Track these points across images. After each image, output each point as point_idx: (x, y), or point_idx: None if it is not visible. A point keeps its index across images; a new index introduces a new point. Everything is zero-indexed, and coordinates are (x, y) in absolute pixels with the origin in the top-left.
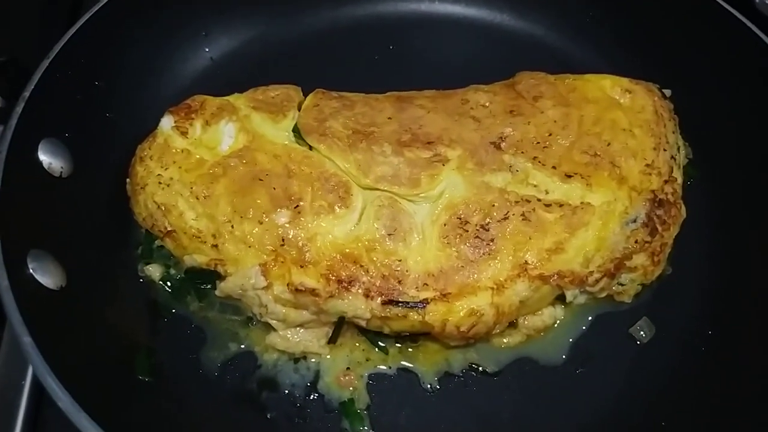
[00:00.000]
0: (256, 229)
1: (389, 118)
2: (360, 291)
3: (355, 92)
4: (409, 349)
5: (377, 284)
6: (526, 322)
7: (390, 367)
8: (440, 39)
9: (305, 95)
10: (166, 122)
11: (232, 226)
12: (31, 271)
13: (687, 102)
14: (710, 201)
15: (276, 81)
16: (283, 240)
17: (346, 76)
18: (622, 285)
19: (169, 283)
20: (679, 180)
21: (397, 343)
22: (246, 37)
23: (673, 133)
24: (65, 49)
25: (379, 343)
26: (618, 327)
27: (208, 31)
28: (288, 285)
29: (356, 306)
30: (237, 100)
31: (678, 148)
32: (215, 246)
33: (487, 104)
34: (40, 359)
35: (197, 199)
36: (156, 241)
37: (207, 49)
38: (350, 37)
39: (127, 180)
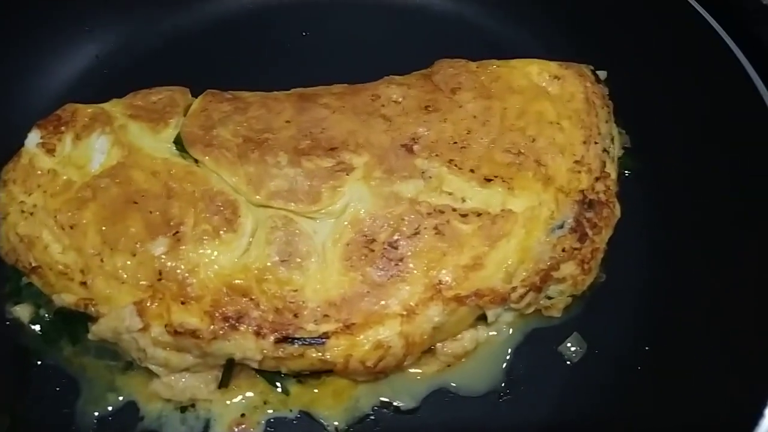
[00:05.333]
0: (129, 261)
1: (287, 121)
2: (250, 329)
3: (264, 89)
4: (314, 390)
5: (270, 319)
6: (444, 349)
7: (291, 411)
8: (361, 23)
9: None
10: (33, 138)
11: (102, 260)
12: None
13: (625, 85)
14: (649, 195)
15: (171, 80)
16: (160, 273)
17: (254, 69)
18: (550, 298)
19: (38, 326)
20: (613, 175)
21: (299, 381)
22: (137, 28)
23: (606, 122)
24: None
25: (278, 383)
26: (547, 345)
27: (93, 25)
28: (166, 326)
29: (245, 347)
30: (114, 107)
31: (612, 139)
32: (84, 283)
33: (399, 100)
34: None
35: (63, 229)
36: (24, 278)
37: (91, 46)
38: (259, 24)
39: None
